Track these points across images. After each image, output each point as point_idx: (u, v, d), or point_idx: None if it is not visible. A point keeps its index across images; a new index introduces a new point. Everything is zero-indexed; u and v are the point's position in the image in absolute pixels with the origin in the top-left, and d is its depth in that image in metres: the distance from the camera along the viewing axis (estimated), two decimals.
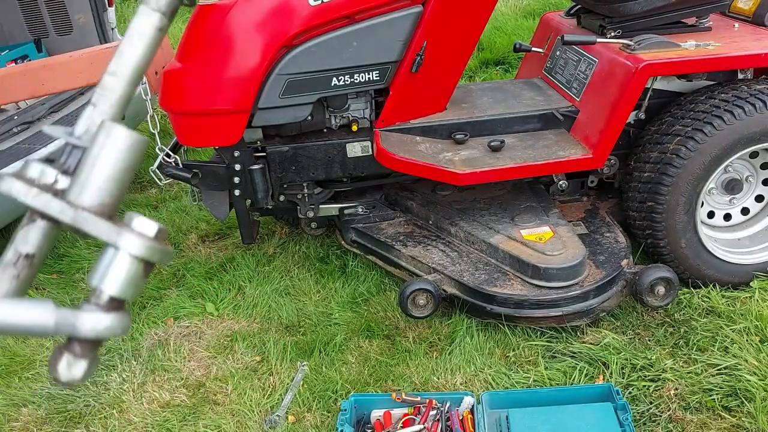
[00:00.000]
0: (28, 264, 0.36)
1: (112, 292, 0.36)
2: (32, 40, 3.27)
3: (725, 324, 1.88)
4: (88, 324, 0.35)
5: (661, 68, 1.91)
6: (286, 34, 1.90)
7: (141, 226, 0.35)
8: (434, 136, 2.17)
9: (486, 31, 3.23)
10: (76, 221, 0.35)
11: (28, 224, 0.37)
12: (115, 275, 0.36)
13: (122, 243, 0.35)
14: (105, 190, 0.36)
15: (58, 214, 0.35)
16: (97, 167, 0.36)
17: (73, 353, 0.35)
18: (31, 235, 0.37)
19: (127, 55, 0.38)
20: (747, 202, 2.14)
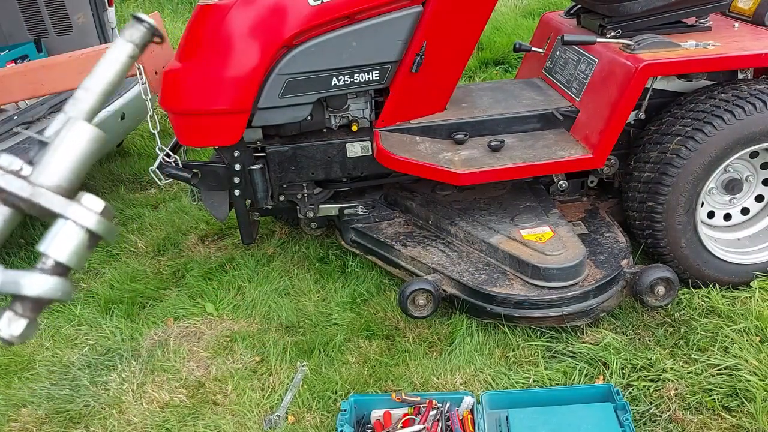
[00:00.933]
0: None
1: (57, 257, 0.39)
2: (32, 40, 3.27)
3: (725, 324, 1.88)
4: (32, 284, 0.38)
5: (661, 68, 1.91)
6: (286, 34, 1.90)
7: (89, 201, 0.40)
8: (434, 136, 2.17)
9: (486, 31, 3.24)
10: (32, 195, 0.39)
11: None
12: (61, 242, 0.39)
13: (70, 213, 0.39)
14: (62, 174, 0.41)
15: (18, 190, 0.39)
16: (56, 155, 0.41)
17: (15, 311, 0.38)
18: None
19: (100, 75, 0.45)
20: (747, 202, 2.14)
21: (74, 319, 2.23)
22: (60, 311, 2.30)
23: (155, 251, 2.63)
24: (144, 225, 2.82)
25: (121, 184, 3.30)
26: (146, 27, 0.46)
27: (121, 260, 2.58)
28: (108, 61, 0.45)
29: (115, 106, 2.87)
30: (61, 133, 0.42)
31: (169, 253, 2.61)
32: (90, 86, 0.45)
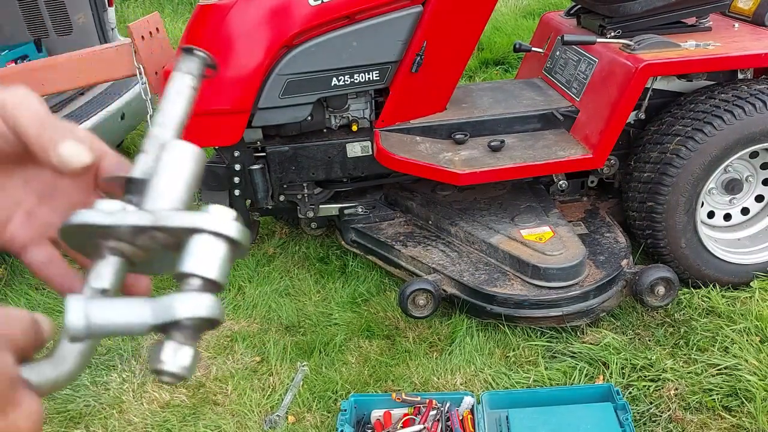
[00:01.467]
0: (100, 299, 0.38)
1: (204, 273, 0.35)
2: (32, 40, 3.26)
3: (725, 324, 1.88)
4: (188, 306, 0.34)
5: (661, 68, 1.91)
6: (286, 34, 1.90)
7: (219, 210, 0.37)
8: (434, 136, 2.17)
9: (486, 31, 3.24)
10: (156, 221, 0.36)
11: (98, 261, 0.38)
12: (204, 257, 0.36)
13: (204, 223, 0.36)
14: (176, 196, 0.38)
15: (137, 221, 0.36)
16: (164, 179, 0.39)
17: (176, 340, 0.34)
18: (103, 271, 0.38)
19: (168, 109, 0.43)
20: (747, 202, 2.14)
21: None
22: (60, 311, 2.29)
23: None
24: None
25: None
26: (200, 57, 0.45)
27: None
28: (172, 95, 0.44)
29: (115, 106, 2.87)
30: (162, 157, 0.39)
31: None
32: (163, 122, 0.43)
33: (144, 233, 0.37)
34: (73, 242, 0.39)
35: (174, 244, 0.37)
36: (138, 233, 0.37)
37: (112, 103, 2.87)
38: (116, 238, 0.37)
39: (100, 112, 2.76)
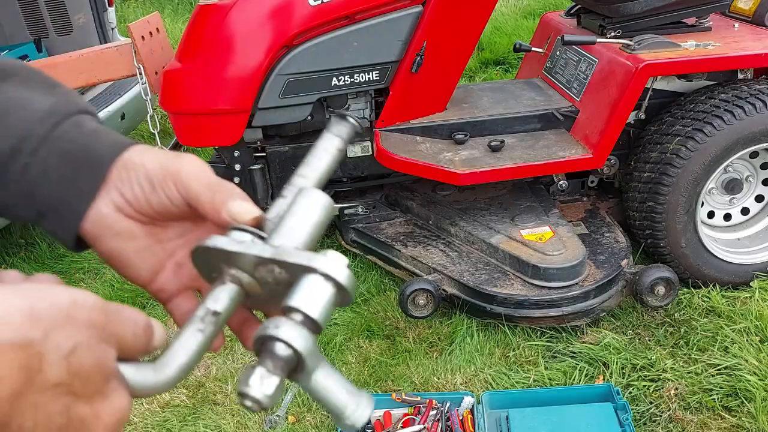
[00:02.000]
0: (214, 321, 0.40)
1: (306, 309, 0.37)
2: (32, 40, 3.27)
3: (725, 324, 1.88)
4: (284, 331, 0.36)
5: (661, 68, 1.91)
6: (286, 34, 1.90)
7: (334, 255, 0.39)
8: (434, 136, 2.17)
9: (486, 31, 3.24)
10: (276, 254, 0.38)
11: (218, 286, 0.41)
12: (311, 297, 0.37)
13: (319, 266, 0.37)
14: (300, 238, 0.41)
15: (259, 252, 0.39)
16: (292, 220, 0.41)
17: (266, 368, 0.36)
18: (221, 295, 0.40)
19: (313, 163, 0.46)
20: (747, 202, 2.14)
21: None
22: None
23: None
24: None
25: None
26: (351, 124, 0.48)
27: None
28: (319, 152, 0.47)
29: (115, 106, 2.87)
30: (296, 202, 0.42)
31: None
32: (306, 173, 0.46)
33: (264, 265, 0.39)
34: (201, 265, 0.42)
35: (287, 281, 0.39)
36: (259, 264, 0.39)
37: (112, 103, 2.87)
38: (238, 266, 0.40)
39: (100, 112, 2.76)
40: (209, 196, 0.41)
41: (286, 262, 0.38)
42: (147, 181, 0.41)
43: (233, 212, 0.40)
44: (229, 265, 0.40)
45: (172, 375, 0.38)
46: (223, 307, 0.40)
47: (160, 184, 0.41)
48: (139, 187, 0.41)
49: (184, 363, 0.38)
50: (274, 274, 0.39)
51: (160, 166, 0.41)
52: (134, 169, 0.41)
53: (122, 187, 0.41)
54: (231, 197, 0.41)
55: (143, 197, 0.41)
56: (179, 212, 0.42)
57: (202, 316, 0.39)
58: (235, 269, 0.40)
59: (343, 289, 0.37)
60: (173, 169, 0.41)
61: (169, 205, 0.42)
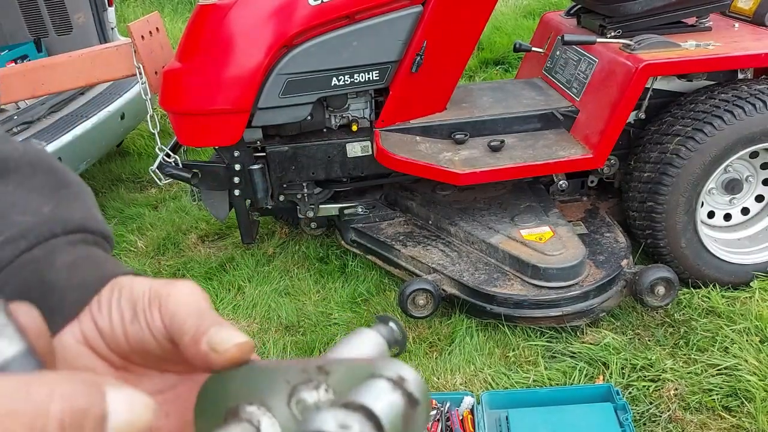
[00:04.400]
0: None
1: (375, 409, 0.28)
2: (32, 40, 3.27)
3: (725, 324, 1.88)
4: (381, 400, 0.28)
5: (661, 68, 1.91)
6: (286, 33, 1.90)
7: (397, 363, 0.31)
8: (434, 136, 2.17)
9: (486, 31, 3.24)
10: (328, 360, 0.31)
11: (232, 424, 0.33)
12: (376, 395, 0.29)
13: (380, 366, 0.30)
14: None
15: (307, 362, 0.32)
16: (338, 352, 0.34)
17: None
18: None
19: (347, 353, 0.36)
20: (747, 202, 2.14)
21: None
22: None
23: (155, 251, 2.63)
24: (144, 225, 2.81)
25: (121, 183, 3.30)
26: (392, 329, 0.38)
27: (121, 260, 2.55)
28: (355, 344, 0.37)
29: (115, 106, 2.87)
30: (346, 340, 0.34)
31: (169, 252, 2.61)
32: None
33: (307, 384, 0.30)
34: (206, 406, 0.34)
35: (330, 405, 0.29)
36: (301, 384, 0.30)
37: (112, 103, 2.87)
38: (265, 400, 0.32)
39: (100, 112, 2.76)
40: (194, 324, 0.33)
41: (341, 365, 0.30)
42: (130, 305, 0.34)
43: (213, 341, 0.31)
44: (249, 401, 0.32)
45: None
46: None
47: (144, 309, 0.34)
48: (118, 313, 0.34)
49: None
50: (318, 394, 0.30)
51: (149, 289, 0.34)
52: (120, 290, 0.34)
53: (98, 314, 0.34)
54: (217, 324, 0.32)
55: (120, 326, 0.34)
56: (159, 353, 0.34)
57: None
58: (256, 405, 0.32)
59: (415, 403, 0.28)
60: (163, 293, 0.34)
61: (148, 340, 0.34)
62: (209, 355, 0.31)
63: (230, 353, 0.31)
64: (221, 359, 0.31)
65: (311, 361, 0.31)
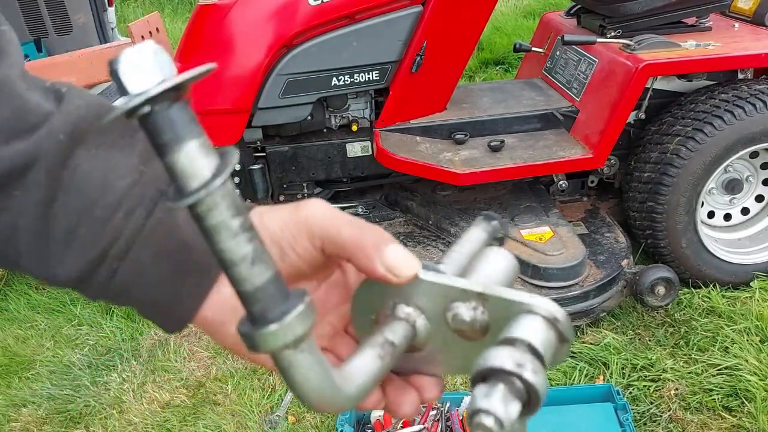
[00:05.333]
0: (390, 352, 0.35)
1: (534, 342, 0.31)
2: (32, 40, 3.27)
3: (726, 324, 1.88)
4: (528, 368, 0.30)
5: (661, 68, 1.91)
6: (286, 34, 1.90)
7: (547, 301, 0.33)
8: (434, 136, 2.17)
9: (486, 31, 3.24)
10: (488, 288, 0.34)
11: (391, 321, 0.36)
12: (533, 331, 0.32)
13: (540, 307, 0.32)
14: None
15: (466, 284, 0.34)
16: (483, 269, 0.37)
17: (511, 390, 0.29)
18: (397, 328, 0.36)
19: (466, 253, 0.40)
20: (747, 202, 2.14)
21: (74, 319, 2.23)
22: (60, 311, 2.30)
23: None
24: None
25: None
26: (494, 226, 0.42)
27: None
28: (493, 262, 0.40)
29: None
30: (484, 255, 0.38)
31: None
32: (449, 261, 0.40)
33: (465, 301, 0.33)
34: (363, 303, 0.37)
35: (483, 325, 0.33)
36: (456, 300, 0.34)
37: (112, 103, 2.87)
38: (420, 304, 0.35)
39: None
40: (361, 240, 0.34)
41: (500, 297, 0.32)
42: (274, 245, 0.35)
43: (391, 264, 0.34)
44: (407, 302, 0.35)
45: (351, 393, 0.33)
46: (399, 341, 0.34)
47: (291, 243, 0.35)
48: None
49: (363, 384, 0.33)
50: (475, 314, 0.33)
51: (285, 224, 0.36)
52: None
53: None
54: (383, 242, 0.34)
55: None
56: (311, 270, 0.37)
57: (381, 343, 0.34)
58: (412, 307, 0.35)
59: (562, 336, 0.32)
60: (301, 220, 0.35)
61: (301, 266, 0.36)
62: (386, 275, 0.34)
63: (406, 277, 0.34)
64: (397, 280, 0.34)
65: (471, 283, 0.34)
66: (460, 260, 0.39)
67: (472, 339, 0.34)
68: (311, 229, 0.35)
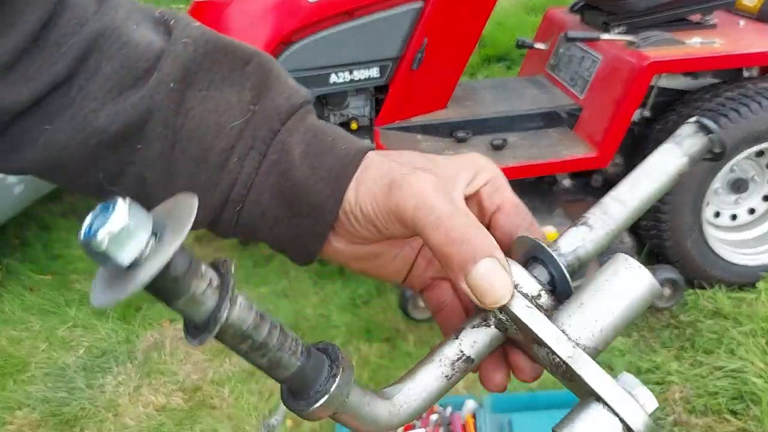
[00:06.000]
0: (464, 368, 0.33)
1: None
2: None
3: (731, 326, 1.85)
4: None
5: (666, 66, 1.88)
6: (284, 30, 1.87)
7: (643, 395, 0.29)
8: (435, 134, 2.14)
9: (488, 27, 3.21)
10: (572, 359, 0.29)
11: (479, 326, 0.33)
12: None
13: (623, 410, 0.28)
14: (603, 337, 0.31)
15: (553, 342, 0.30)
16: (602, 306, 0.30)
17: None
18: (480, 338, 0.33)
19: (641, 186, 0.35)
20: (753, 202, 2.12)
21: (69, 321, 2.20)
22: (55, 313, 2.26)
23: None
24: None
25: None
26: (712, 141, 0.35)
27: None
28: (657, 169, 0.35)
29: None
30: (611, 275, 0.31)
31: None
32: (626, 199, 0.35)
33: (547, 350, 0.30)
34: None
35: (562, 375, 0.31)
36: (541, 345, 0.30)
37: None
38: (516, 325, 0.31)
39: None
40: (447, 251, 0.31)
41: (578, 375, 0.29)
42: (370, 224, 0.35)
43: (475, 287, 0.30)
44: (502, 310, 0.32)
45: (404, 418, 0.32)
46: (478, 354, 0.33)
47: (384, 226, 0.34)
48: (364, 230, 0.35)
49: (419, 409, 0.32)
50: (555, 367, 0.31)
51: (377, 205, 0.34)
52: (351, 212, 0.35)
53: (347, 231, 0.36)
54: (471, 259, 0.30)
55: (375, 237, 0.36)
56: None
57: (453, 361, 0.33)
58: (506, 317, 0.32)
59: None
60: (392, 208, 0.33)
61: (403, 235, 0.35)
62: (471, 297, 0.31)
63: (490, 306, 0.31)
64: (481, 305, 0.31)
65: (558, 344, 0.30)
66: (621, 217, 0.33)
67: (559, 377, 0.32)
68: (403, 220, 0.33)
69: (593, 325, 0.30)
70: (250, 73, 0.36)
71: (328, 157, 0.36)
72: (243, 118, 0.35)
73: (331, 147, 0.36)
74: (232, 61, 0.36)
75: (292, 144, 0.36)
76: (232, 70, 0.36)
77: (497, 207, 0.38)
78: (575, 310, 0.31)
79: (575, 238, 0.34)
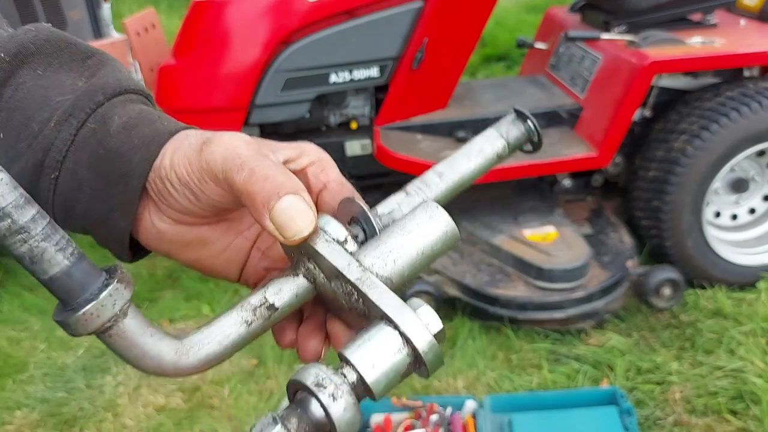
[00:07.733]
0: (266, 315, 0.33)
1: (361, 369, 0.29)
2: None
3: (731, 326, 1.85)
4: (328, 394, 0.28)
5: (667, 65, 1.88)
6: (284, 29, 1.86)
7: (427, 314, 0.30)
8: (435, 134, 2.13)
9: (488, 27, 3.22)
10: (360, 281, 0.30)
11: (286, 276, 0.34)
12: (375, 353, 0.29)
13: (401, 320, 0.29)
14: (398, 266, 0.32)
15: (344, 268, 0.31)
16: (398, 239, 0.32)
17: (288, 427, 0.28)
18: (286, 287, 0.33)
19: (458, 163, 0.38)
20: (754, 202, 2.11)
21: None
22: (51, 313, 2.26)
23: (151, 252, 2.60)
24: None
25: None
26: (527, 129, 0.38)
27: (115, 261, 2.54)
28: (473, 151, 0.38)
29: None
30: (413, 216, 0.33)
31: None
32: (444, 172, 0.37)
33: (343, 281, 0.31)
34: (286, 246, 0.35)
35: (361, 311, 0.31)
36: (338, 277, 0.31)
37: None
38: (318, 263, 0.33)
39: None
40: (251, 189, 0.31)
41: (367, 296, 0.30)
42: (184, 188, 0.34)
43: (277, 220, 0.31)
44: (308, 258, 0.33)
45: (191, 364, 0.31)
46: (282, 303, 0.33)
47: (199, 187, 0.33)
48: (182, 197, 0.34)
49: (212, 354, 0.32)
50: (351, 297, 0.32)
51: (190, 166, 0.33)
52: (167, 178, 0.34)
53: (166, 201, 0.35)
54: (278, 192, 0.31)
55: (194, 205, 0.34)
56: (237, 205, 0.35)
57: (255, 306, 0.33)
58: (313, 264, 0.33)
59: (420, 361, 0.30)
60: (203, 165, 0.33)
61: (221, 204, 0.34)
62: (274, 234, 0.31)
63: (292, 240, 0.31)
64: (284, 241, 0.31)
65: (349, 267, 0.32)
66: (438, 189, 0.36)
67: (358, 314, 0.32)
68: (214, 174, 0.33)
69: (387, 256, 0.32)
70: (90, 66, 0.37)
71: (146, 128, 0.35)
72: (73, 94, 0.36)
73: (153, 121, 0.36)
74: (74, 52, 0.37)
75: (113, 116, 0.36)
76: (73, 60, 0.37)
77: (323, 185, 0.37)
78: (373, 244, 0.33)
79: (393, 202, 0.36)
